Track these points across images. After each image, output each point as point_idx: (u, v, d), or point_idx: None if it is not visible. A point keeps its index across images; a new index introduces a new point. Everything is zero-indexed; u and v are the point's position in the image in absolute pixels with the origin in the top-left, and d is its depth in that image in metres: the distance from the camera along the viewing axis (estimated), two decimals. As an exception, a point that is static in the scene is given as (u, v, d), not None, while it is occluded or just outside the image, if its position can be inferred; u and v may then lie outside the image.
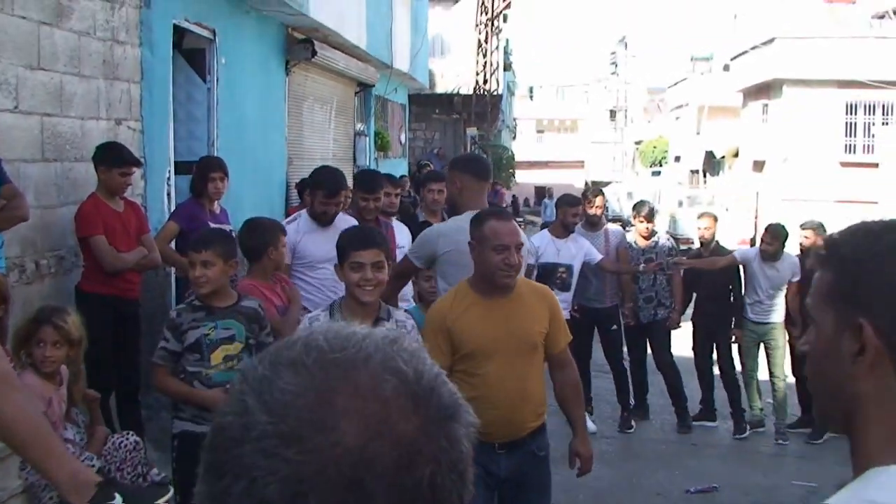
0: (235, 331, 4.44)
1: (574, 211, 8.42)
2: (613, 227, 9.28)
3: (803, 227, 8.84)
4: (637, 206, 9.31)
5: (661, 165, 48.67)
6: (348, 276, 4.01)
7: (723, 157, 35.52)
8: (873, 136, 26.84)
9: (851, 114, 27.55)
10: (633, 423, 8.91)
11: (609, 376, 9.13)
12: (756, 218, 26.77)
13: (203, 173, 6.78)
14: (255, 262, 5.28)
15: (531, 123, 62.69)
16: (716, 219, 9.21)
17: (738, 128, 33.56)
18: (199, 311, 4.45)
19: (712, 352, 9.17)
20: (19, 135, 5.71)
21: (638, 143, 56.06)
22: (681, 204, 30.89)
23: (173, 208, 7.65)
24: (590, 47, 63.63)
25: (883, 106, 27.33)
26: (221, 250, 4.48)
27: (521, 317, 4.20)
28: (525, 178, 48.07)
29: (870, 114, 27.54)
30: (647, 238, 8.99)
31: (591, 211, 8.82)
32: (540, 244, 7.91)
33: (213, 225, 6.68)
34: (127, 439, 4.76)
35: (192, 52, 8.66)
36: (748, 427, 8.80)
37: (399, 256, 6.84)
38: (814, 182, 25.86)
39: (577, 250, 8.36)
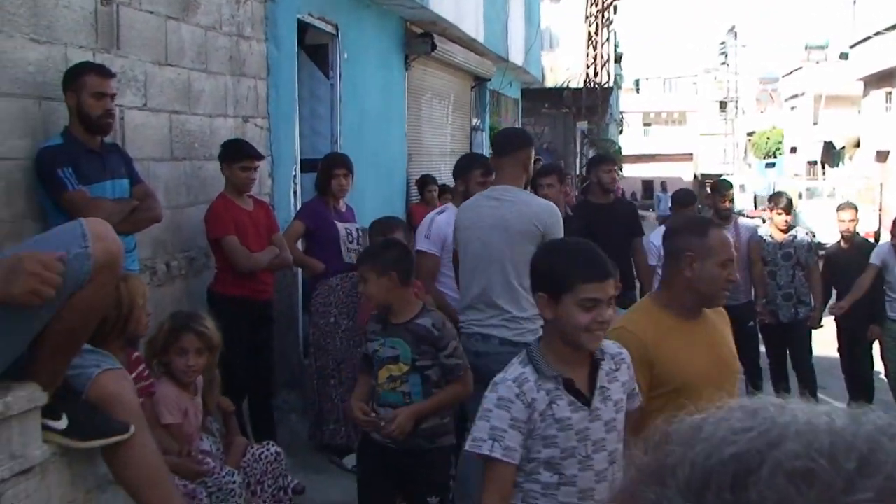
0: (401, 351, 4.11)
1: (692, 209, 8.25)
2: (745, 220, 8.75)
3: None
4: (773, 198, 8.77)
5: (775, 157, 47.31)
6: (575, 316, 2.84)
7: (842, 147, 34.29)
8: None
9: (983, 100, 26.25)
10: None
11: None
12: (880, 210, 25.73)
13: (327, 170, 6.55)
14: None
15: (638, 116, 61.58)
16: (857, 210, 8.61)
17: (858, 117, 32.35)
18: (377, 324, 4.25)
19: (860, 349, 8.58)
20: (148, 133, 5.54)
21: (750, 134, 54.67)
22: (800, 196, 29.83)
23: (300, 205, 7.46)
24: (698, 38, 62.56)
25: None
26: (371, 264, 4.21)
27: (720, 341, 3.59)
28: (632, 172, 47.27)
29: None
30: (784, 231, 8.45)
31: (723, 204, 8.34)
32: (658, 243, 7.58)
33: (339, 224, 6.46)
34: (268, 450, 4.53)
35: (314, 48, 8.46)
36: None
37: None
38: (942, 171, 24.70)
39: (653, 247, 7.94)
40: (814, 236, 8.83)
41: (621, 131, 44.93)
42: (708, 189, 9.93)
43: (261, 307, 5.93)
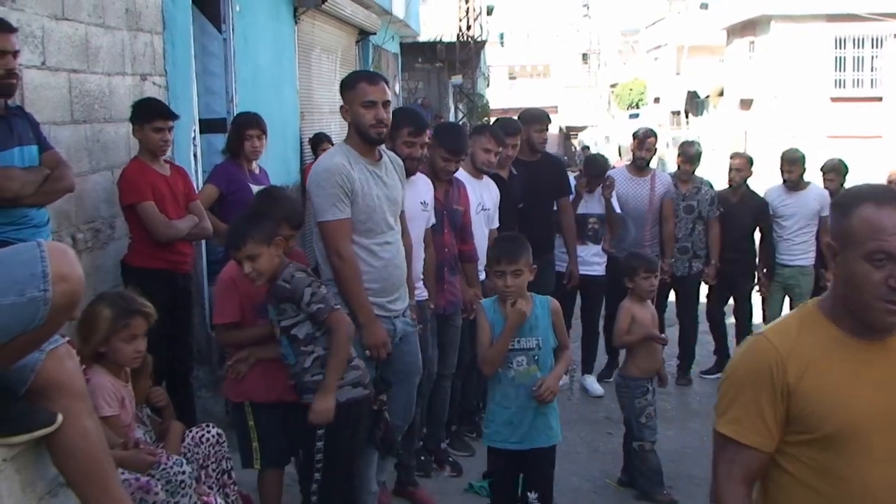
0: (271, 314, 4.17)
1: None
2: (662, 174, 8.56)
3: (824, 169, 8.53)
4: (683, 146, 8.67)
5: (638, 108, 48.21)
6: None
7: (707, 96, 35.12)
8: (865, 69, 26.55)
9: (841, 48, 27.18)
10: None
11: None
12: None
13: (239, 131, 6.22)
14: None
15: (503, 70, 61.84)
16: (751, 161, 8.64)
17: (721, 66, 33.15)
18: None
19: (727, 301, 8.76)
20: (48, 94, 5.07)
21: (613, 85, 55.54)
22: (667, 146, 30.53)
23: (200, 170, 7.05)
24: (559, -9, 62.74)
25: (873, 39, 26.98)
26: (259, 236, 4.06)
27: None
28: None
29: (859, 47, 27.18)
30: (687, 182, 8.41)
31: (642, 153, 8.23)
32: None
33: (253, 187, 6.11)
34: (208, 432, 4.22)
35: (203, 0, 7.95)
36: None
37: (486, 218, 6.41)
38: (804, 119, 25.55)
39: (600, 198, 7.96)
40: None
41: (488, 85, 45.04)
42: (575, 142, 9.79)
43: (179, 280, 5.56)
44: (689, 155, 8.41)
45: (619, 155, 35.00)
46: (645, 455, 5.98)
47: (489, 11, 32.75)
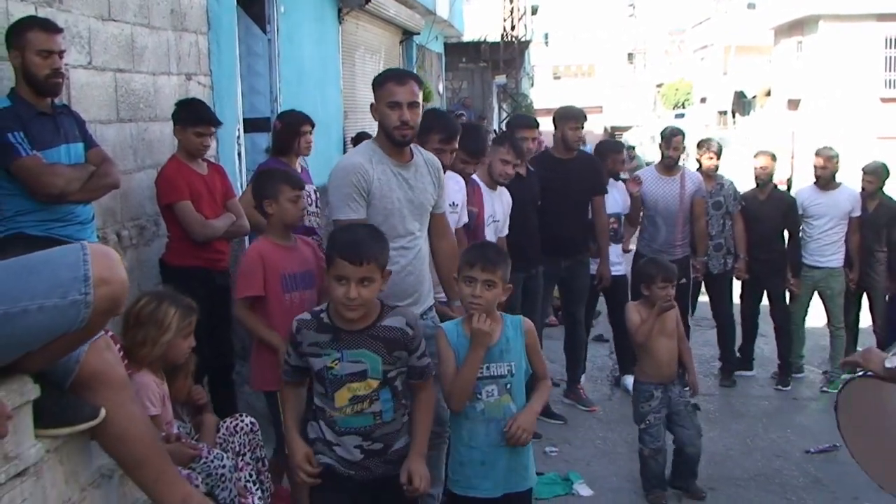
0: (368, 364, 3.44)
1: (620, 157, 8.08)
2: (692, 172, 8.36)
3: (865, 171, 8.36)
4: (704, 142, 8.57)
5: (684, 107, 47.87)
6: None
7: (753, 96, 34.79)
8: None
9: (891, 48, 26.79)
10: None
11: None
12: (793, 158, 26.17)
13: (294, 129, 6.22)
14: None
15: (548, 70, 61.68)
16: (774, 157, 8.54)
17: (769, 66, 32.82)
18: (323, 333, 3.48)
19: (761, 300, 8.63)
20: (94, 93, 5.16)
21: (659, 85, 55.19)
22: (714, 146, 30.26)
23: (245, 169, 7.12)
24: (605, -9, 62.41)
25: (923, 38, 26.57)
26: (382, 260, 3.51)
27: None
28: (543, 126, 47.21)
29: (910, 47, 26.80)
30: (711, 178, 8.29)
31: (669, 153, 8.09)
32: None
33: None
34: (242, 421, 4.24)
35: (249, 1, 8.04)
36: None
37: (496, 229, 6.25)
38: (853, 119, 25.21)
39: (622, 195, 7.94)
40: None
41: (532, 85, 44.95)
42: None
43: (217, 278, 5.59)
44: (713, 151, 8.36)
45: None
46: (645, 460, 5.82)
47: (534, 11, 32.69)
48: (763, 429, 7.32)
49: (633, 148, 30.10)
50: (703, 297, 9.14)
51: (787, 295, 8.55)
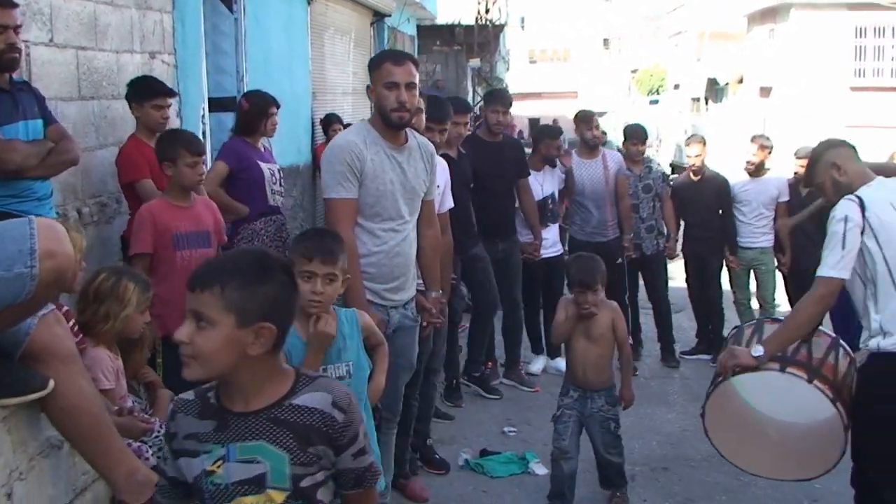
0: (267, 465, 2.28)
1: (556, 144, 8.18)
2: (612, 152, 8.65)
3: (797, 155, 8.48)
4: (629, 130, 8.79)
5: (658, 94, 48.00)
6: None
7: (726, 83, 34.92)
8: (886, 59, 26.37)
9: (861, 37, 26.98)
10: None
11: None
12: (764, 145, 26.29)
13: (262, 110, 6.29)
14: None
15: (523, 54, 61.64)
16: (705, 143, 8.78)
17: (742, 53, 32.95)
18: (207, 419, 2.34)
19: (718, 278, 8.88)
20: (56, 70, 5.18)
21: (634, 71, 55.29)
22: (685, 132, 30.40)
23: (210, 147, 7.13)
24: (581, -26, 62.38)
25: (894, 28, 26.75)
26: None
27: None
28: (518, 111, 47.27)
29: (880, 37, 26.98)
30: (639, 163, 8.57)
31: (591, 134, 8.28)
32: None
33: (262, 165, 6.19)
34: (193, 396, 4.29)
35: (214, -20, 8.05)
36: None
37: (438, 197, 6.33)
38: (823, 107, 25.38)
39: (553, 175, 8.14)
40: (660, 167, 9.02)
41: (508, 69, 44.94)
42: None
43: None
44: (637, 136, 8.59)
45: (647, 138, 34.88)
46: (553, 460, 5.39)
47: (508, -5, 32.64)
48: (720, 410, 7.41)
49: (605, 133, 30.19)
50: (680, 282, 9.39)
51: (727, 273, 8.81)
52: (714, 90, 37.14)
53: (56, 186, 4.99)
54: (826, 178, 4.26)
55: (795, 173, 8.50)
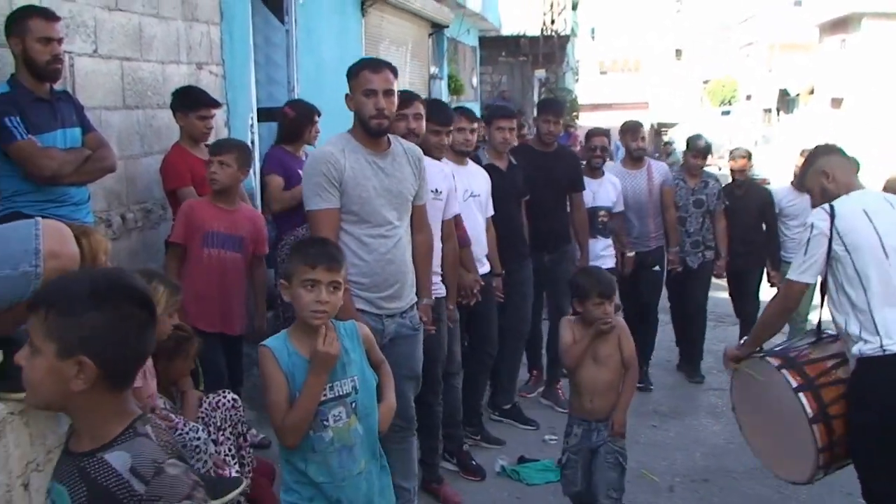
0: None
1: (590, 144, 7.82)
2: (658, 163, 8.46)
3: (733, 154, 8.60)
4: (690, 141, 8.54)
5: (730, 104, 47.51)
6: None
7: (797, 94, 34.48)
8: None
9: (936, 45, 26.46)
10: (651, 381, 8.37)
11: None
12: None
13: (308, 118, 6.40)
14: None
15: (594, 65, 61.45)
16: (749, 157, 8.68)
17: (813, 64, 32.51)
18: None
19: (757, 292, 8.73)
20: (100, 80, 5.34)
21: (706, 82, 54.80)
22: (756, 144, 30.07)
23: (258, 156, 7.26)
24: (653, -15, 62.00)
25: (970, 36, 26.19)
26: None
27: None
28: (588, 121, 47.07)
29: (955, 45, 26.43)
30: (696, 177, 8.29)
31: (635, 144, 8.10)
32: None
33: (301, 172, 6.29)
34: (224, 398, 4.40)
35: (268, -7, 8.23)
36: None
37: (478, 204, 6.17)
38: (895, 118, 24.90)
39: (613, 189, 7.82)
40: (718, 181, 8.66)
41: (577, 80, 44.83)
42: (665, 139, 9.77)
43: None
44: (699, 149, 8.33)
45: (710, 153, 34.62)
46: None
47: (574, 6, 32.60)
48: (766, 423, 7.32)
49: (671, 143, 29.95)
50: (724, 293, 9.22)
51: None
52: (785, 101, 36.69)
53: (100, 193, 5.16)
54: (815, 185, 4.38)
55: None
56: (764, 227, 8.50)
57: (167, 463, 1.98)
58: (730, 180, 8.74)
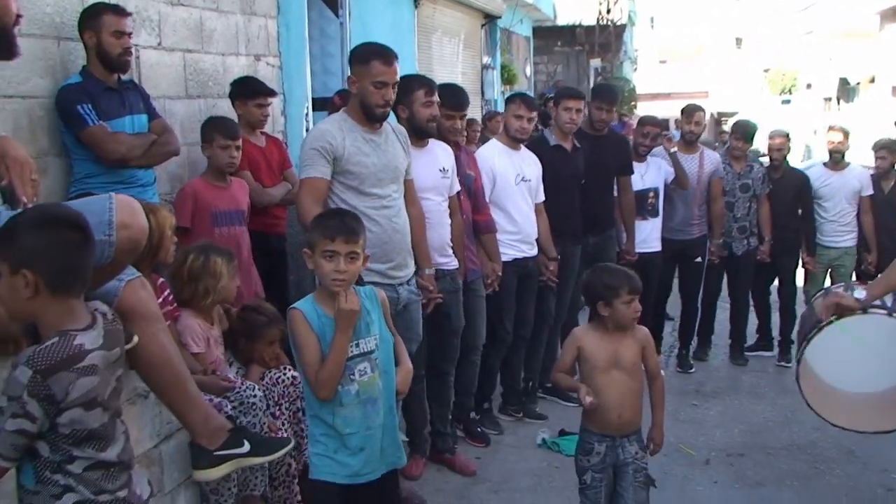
0: None
1: (643, 131, 7.88)
2: (711, 152, 8.43)
3: (876, 147, 8.44)
4: (734, 125, 8.66)
5: (790, 94, 46.97)
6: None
7: (857, 83, 34.02)
8: None
9: None
10: (692, 362, 8.54)
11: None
12: (896, 144, 25.53)
13: None
14: None
15: (652, 54, 61.06)
16: (788, 137, 8.59)
17: (874, 52, 32.04)
18: None
19: (773, 280, 8.75)
20: (164, 71, 5.70)
21: (766, 70, 54.17)
22: (815, 133, 29.80)
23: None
24: (713, -27, 61.41)
25: None
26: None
27: None
28: (647, 111, 46.76)
29: None
30: (741, 161, 8.32)
31: (689, 128, 8.10)
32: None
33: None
34: (284, 374, 4.71)
35: (323, -13, 8.57)
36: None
37: (529, 189, 6.44)
38: (959, 106, 24.52)
39: (657, 169, 7.92)
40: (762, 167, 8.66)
41: (635, 69, 44.62)
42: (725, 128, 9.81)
43: (273, 241, 6.10)
44: (744, 132, 8.37)
45: (754, 136, 34.25)
46: None
47: (630, -5, 32.57)
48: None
49: (726, 132, 29.79)
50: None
51: (802, 273, 8.70)
52: (846, 90, 36.20)
53: (164, 176, 5.52)
54: None
55: (878, 167, 8.39)
56: (800, 211, 8.51)
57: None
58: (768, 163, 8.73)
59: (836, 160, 8.35)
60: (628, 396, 4.21)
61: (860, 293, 4.27)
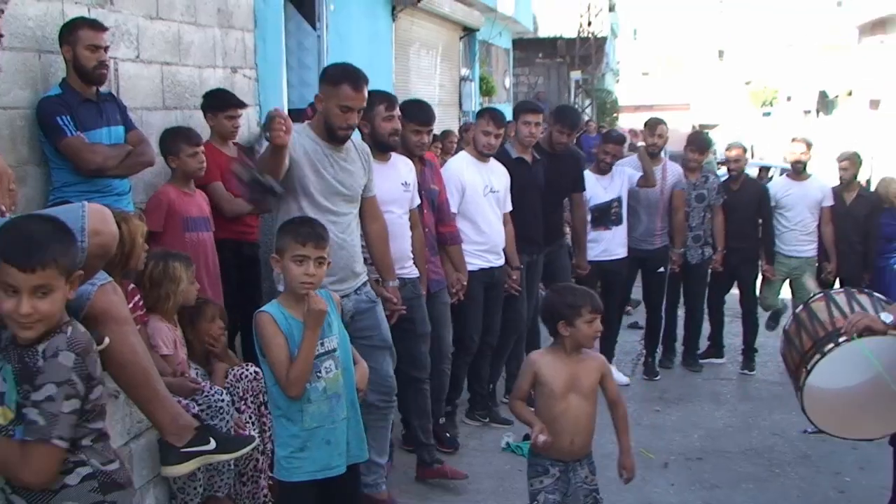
0: (7, 387, 2.63)
1: (605, 148, 8.02)
2: (674, 164, 8.56)
3: (839, 159, 8.60)
4: (690, 137, 8.85)
5: (771, 106, 47.44)
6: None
7: (836, 96, 34.44)
8: None
9: (974, 47, 26.39)
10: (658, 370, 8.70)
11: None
12: (872, 158, 25.85)
13: None
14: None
15: (635, 66, 61.48)
16: (745, 150, 8.82)
17: (852, 66, 32.47)
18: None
19: (730, 289, 8.92)
20: (141, 83, 5.87)
21: (747, 83, 54.66)
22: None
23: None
24: (696, -14, 61.88)
25: None
26: (68, 261, 2.69)
27: None
28: (629, 123, 47.07)
29: None
30: (695, 171, 8.50)
31: (652, 140, 8.25)
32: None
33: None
34: (247, 370, 4.90)
35: (300, 0, 8.75)
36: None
37: (497, 200, 6.58)
38: (933, 120, 24.87)
39: (620, 179, 8.03)
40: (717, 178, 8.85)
41: (618, 81, 44.93)
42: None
43: (246, 248, 6.25)
44: (699, 144, 8.59)
45: (752, 155, 34.58)
46: None
47: (611, 7, 32.84)
48: (768, 410, 7.60)
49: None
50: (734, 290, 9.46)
51: (759, 282, 8.86)
52: (825, 102, 36.63)
53: (140, 185, 5.69)
54: None
55: (841, 177, 8.57)
56: (759, 221, 8.67)
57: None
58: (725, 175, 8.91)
59: (798, 170, 8.54)
60: (582, 420, 4.13)
61: (887, 317, 4.30)
